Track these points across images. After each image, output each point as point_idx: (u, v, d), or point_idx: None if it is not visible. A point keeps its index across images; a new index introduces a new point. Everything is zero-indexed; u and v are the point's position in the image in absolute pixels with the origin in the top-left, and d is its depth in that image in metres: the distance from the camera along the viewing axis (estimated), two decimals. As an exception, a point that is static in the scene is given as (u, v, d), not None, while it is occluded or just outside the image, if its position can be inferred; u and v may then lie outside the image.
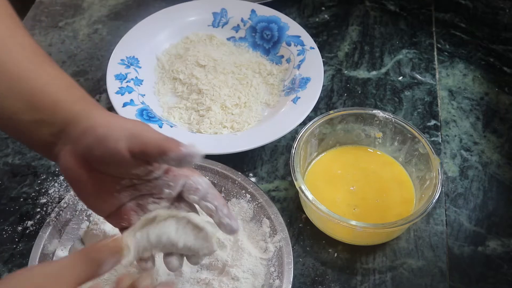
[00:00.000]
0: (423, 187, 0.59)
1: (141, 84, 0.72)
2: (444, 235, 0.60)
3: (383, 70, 0.78)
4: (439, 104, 0.73)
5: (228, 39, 0.80)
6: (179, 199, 0.48)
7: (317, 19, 0.85)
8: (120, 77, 0.71)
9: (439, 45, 0.81)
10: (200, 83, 0.71)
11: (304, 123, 0.64)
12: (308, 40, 0.76)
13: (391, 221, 0.54)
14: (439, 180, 0.56)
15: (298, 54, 0.75)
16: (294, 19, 0.80)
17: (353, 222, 0.53)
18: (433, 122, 0.71)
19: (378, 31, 0.83)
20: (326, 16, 0.85)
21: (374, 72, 0.77)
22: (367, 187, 0.61)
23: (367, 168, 0.63)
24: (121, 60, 0.73)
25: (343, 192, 0.61)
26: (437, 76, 0.77)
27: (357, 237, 0.58)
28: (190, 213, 0.47)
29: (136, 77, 0.72)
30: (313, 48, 0.75)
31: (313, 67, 0.73)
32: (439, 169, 0.57)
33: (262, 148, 0.67)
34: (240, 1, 0.82)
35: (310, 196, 0.55)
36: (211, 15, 0.81)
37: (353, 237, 0.58)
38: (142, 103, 0.69)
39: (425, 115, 0.72)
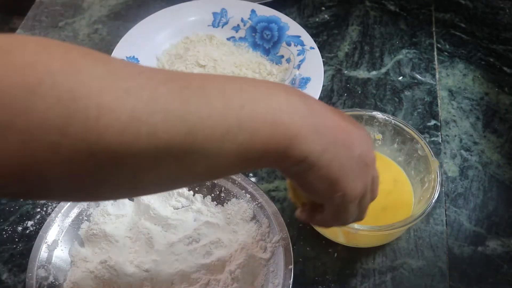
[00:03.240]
0: (423, 189, 0.59)
1: (141, 84, 0.72)
2: (444, 235, 0.60)
3: (383, 70, 0.78)
4: (439, 104, 0.73)
5: (228, 39, 0.80)
6: None
7: (317, 19, 0.85)
8: (120, 77, 0.71)
9: (439, 45, 0.81)
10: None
11: (304, 123, 0.64)
12: (308, 40, 0.76)
13: (389, 223, 0.54)
14: (438, 182, 0.56)
15: (298, 54, 0.75)
16: (294, 19, 0.80)
17: (351, 225, 0.53)
18: (433, 122, 0.71)
19: (378, 31, 0.83)
20: (326, 16, 0.85)
21: (374, 72, 0.77)
22: (367, 188, 0.61)
23: (367, 168, 0.63)
24: (121, 60, 0.73)
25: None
26: (437, 76, 0.77)
27: (356, 240, 0.58)
28: None
29: (136, 77, 0.72)
30: (313, 48, 0.75)
31: (313, 67, 0.73)
32: (438, 171, 0.57)
33: (262, 148, 0.67)
34: (240, 1, 0.82)
35: (310, 196, 0.55)
36: (211, 15, 0.81)
37: (352, 239, 0.58)
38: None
39: (425, 115, 0.72)
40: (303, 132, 0.37)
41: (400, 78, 0.77)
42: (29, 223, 0.61)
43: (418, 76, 0.77)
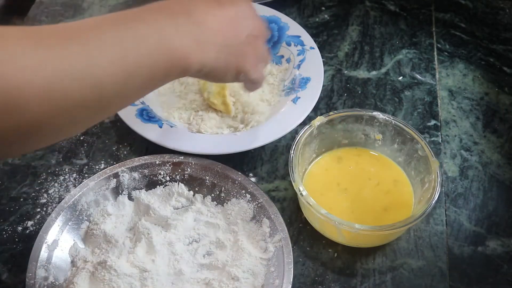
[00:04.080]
0: (423, 189, 0.59)
1: (141, 84, 0.72)
2: (444, 235, 0.60)
3: (383, 70, 0.78)
4: (439, 104, 0.73)
5: (228, 39, 0.80)
6: None
7: (317, 19, 0.85)
8: (120, 77, 0.71)
9: (439, 45, 0.81)
10: (199, 83, 0.71)
11: (304, 123, 0.64)
12: (308, 40, 0.76)
13: (390, 223, 0.54)
14: (438, 183, 0.56)
15: (298, 54, 0.75)
16: (294, 19, 0.80)
17: (352, 225, 0.53)
18: (433, 122, 0.71)
19: (378, 31, 0.83)
20: (326, 16, 0.85)
21: (374, 72, 0.77)
22: (366, 189, 0.61)
23: (367, 170, 0.63)
24: (121, 60, 0.73)
25: (342, 194, 0.61)
26: (437, 76, 0.77)
27: (356, 239, 0.58)
28: None
29: (136, 77, 0.72)
30: (313, 48, 0.75)
31: (313, 67, 0.73)
32: (438, 172, 0.57)
33: (262, 148, 0.67)
34: (240, 1, 0.81)
35: (308, 198, 0.55)
36: (211, 15, 0.81)
37: (351, 239, 0.58)
38: (142, 102, 0.69)
39: (425, 115, 0.72)
40: (195, 50, 0.43)
41: (400, 78, 0.77)
42: (29, 223, 0.61)
43: (418, 76, 0.77)
